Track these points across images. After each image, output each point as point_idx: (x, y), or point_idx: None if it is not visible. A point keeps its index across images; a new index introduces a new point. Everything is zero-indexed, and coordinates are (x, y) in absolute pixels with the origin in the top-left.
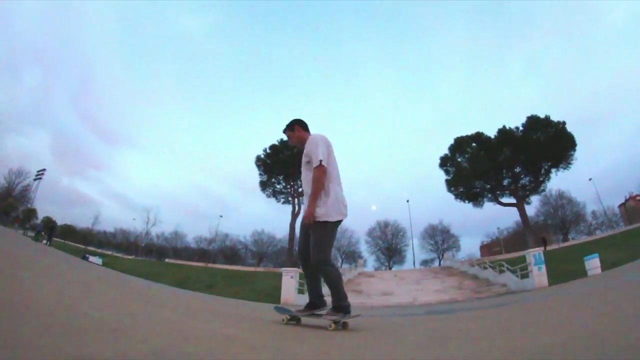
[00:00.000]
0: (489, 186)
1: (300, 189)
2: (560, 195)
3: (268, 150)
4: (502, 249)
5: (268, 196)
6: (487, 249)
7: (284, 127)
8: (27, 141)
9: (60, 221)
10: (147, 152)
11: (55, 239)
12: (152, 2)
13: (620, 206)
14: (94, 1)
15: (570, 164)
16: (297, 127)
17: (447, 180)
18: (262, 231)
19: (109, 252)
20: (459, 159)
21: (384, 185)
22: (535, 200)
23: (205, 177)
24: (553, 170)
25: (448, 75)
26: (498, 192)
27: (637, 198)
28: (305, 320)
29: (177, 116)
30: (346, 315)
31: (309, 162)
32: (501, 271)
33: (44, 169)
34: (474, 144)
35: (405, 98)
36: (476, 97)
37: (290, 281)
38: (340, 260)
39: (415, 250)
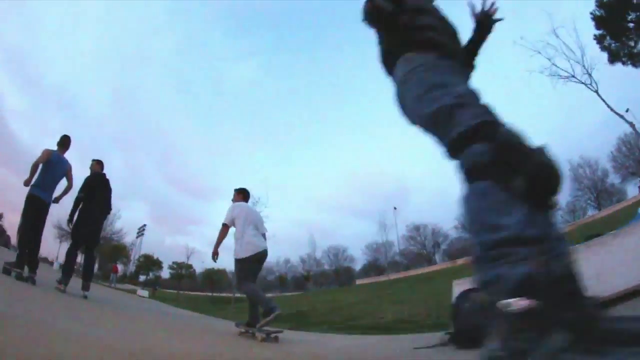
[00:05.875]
0: None
1: None
2: None
3: None
4: None
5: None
6: None
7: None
8: (129, 214)
9: None
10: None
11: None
12: (200, 62)
13: None
14: (151, 74)
15: None
16: (235, 194)
17: None
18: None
19: None
20: None
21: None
22: None
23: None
24: None
25: None
26: None
27: None
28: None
29: (252, 156)
30: (272, 315)
31: None
32: None
33: (144, 225)
34: None
35: None
36: None
37: None
38: None
39: None
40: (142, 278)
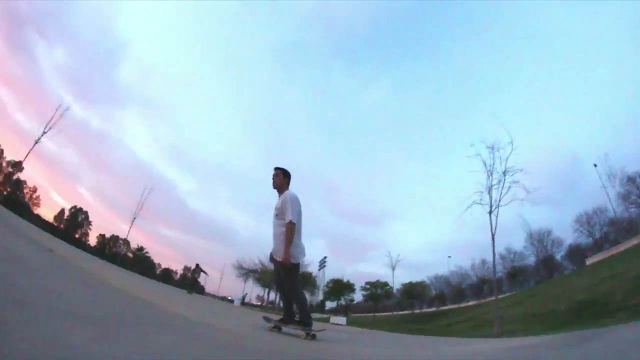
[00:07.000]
0: None
1: None
2: None
3: None
4: None
5: None
6: None
7: (277, 165)
8: (308, 251)
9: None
10: (410, 215)
11: None
12: (332, 99)
13: None
14: (294, 124)
15: None
16: (283, 176)
17: None
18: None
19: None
20: None
21: None
22: None
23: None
24: None
25: None
26: None
27: None
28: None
29: (405, 168)
30: (307, 328)
31: (277, 215)
32: None
33: (325, 257)
34: None
35: None
36: None
37: None
38: None
39: None
40: (329, 305)
